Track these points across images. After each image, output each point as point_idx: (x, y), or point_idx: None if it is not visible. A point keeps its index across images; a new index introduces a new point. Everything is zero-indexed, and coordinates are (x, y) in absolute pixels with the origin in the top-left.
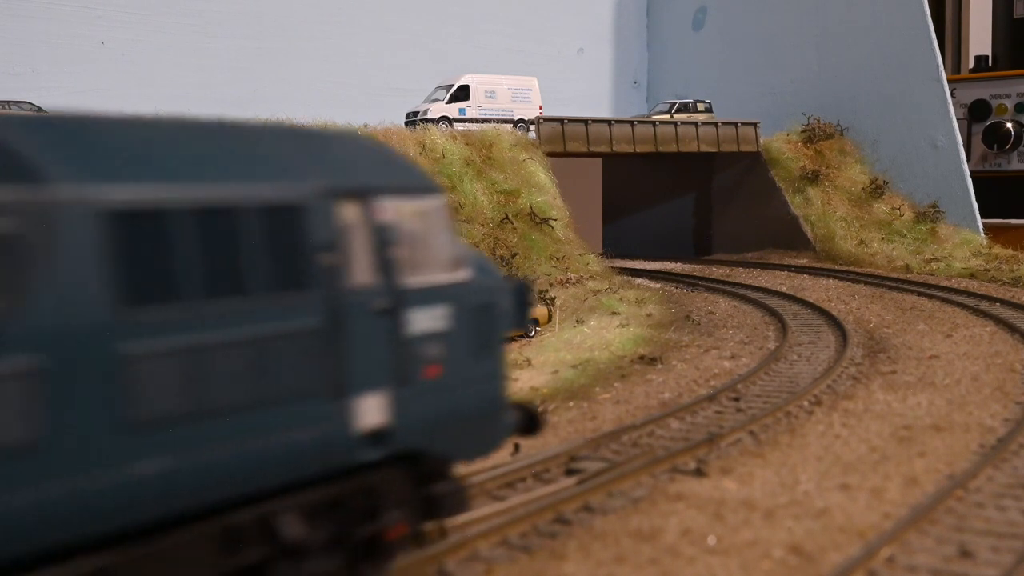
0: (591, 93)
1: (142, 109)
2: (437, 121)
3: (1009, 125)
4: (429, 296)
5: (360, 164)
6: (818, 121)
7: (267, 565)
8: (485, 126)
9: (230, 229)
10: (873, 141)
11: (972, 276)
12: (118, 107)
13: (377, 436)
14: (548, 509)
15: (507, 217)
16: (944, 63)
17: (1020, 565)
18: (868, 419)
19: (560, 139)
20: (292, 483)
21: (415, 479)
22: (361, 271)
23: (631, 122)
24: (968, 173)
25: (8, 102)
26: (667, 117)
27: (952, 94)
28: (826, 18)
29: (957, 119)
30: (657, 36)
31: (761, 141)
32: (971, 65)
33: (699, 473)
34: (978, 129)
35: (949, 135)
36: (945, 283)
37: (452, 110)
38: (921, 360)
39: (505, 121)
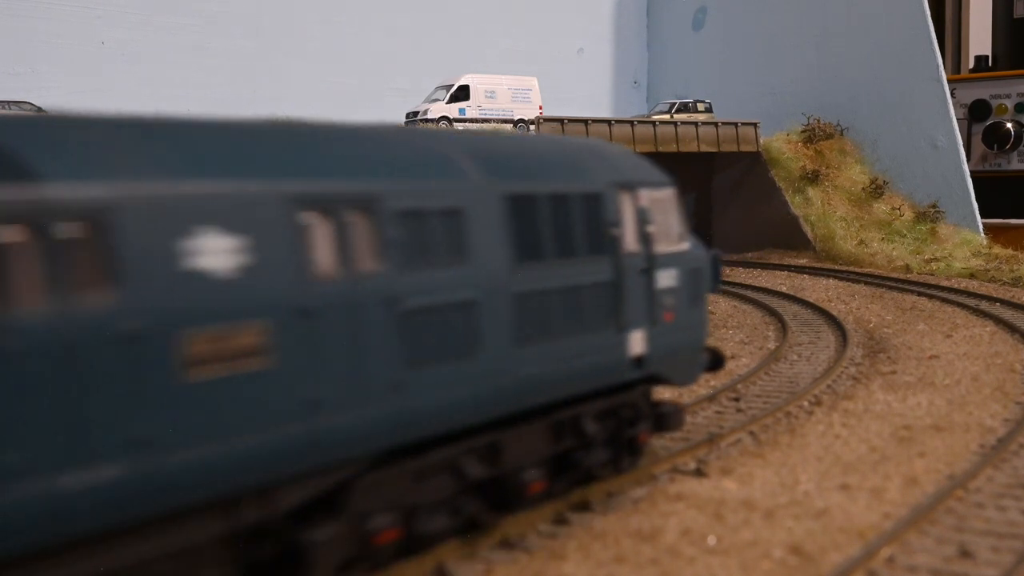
0: (591, 93)
1: (142, 109)
2: (437, 121)
3: (1009, 125)
4: (667, 261)
5: (625, 165)
6: (818, 121)
7: (570, 454)
8: (485, 126)
9: (566, 211)
10: (873, 141)
11: (972, 276)
12: (118, 107)
13: (638, 362)
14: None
15: None
16: (944, 63)
17: (1020, 565)
18: (868, 419)
19: None
20: (590, 393)
21: (650, 399)
22: (630, 241)
23: (631, 122)
24: (968, 173)
25: (8, 102)
26: (667, 117)
27: (952, 94)
28: (826, 18)
29: (957, 119)
30: (657, 36)
31: (761, 141)
32: (971, 65)
33: (699, 473)
34: (978, 129)
35: (949, 135)
36: (945, 283)
37: (452, 110)
38: (921, 360)
39: (505, 121)
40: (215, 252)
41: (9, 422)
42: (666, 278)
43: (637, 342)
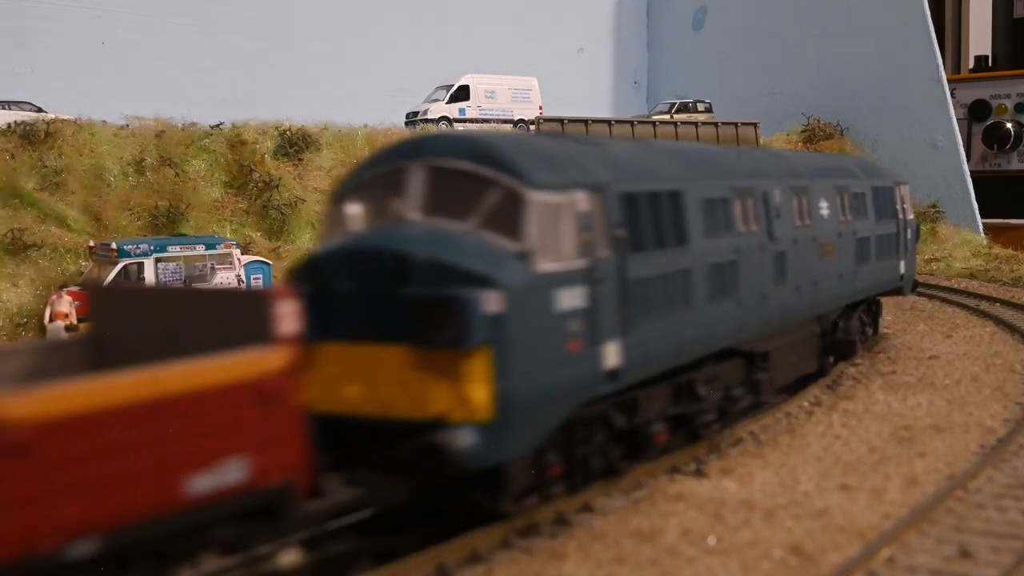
0: (591, 93)
1: (142, 109)
2: (437, 121)
3: (1009, 125)
4: (910, 224)
5: (892, 172)
6: (818, 121)
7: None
8: (485, 126)
9: (885, 195)
10: (873, 141)
11: (972, 276)
12: (117, 107)
13: (900, 277)
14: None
15: None
16: (944, 63)
17: (1020, 565)
18: (868, 419)
19: None
20: (874, 294)
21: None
22: (900, 212)
23: (631, 122)
24: (968, 173)
25: (8, 102)
26: (667, 117)
27: (952, 94)
28: (826, 18)
29: (957, 119)
30: (657, 36)
31: (761, 141)
32: (971, 65)
33: (699, 473)
34: (978, 129)
35: (949, 135)
36: (945, 283)
37: (452, 110)
38: (921, 360)
39: (505, 121)
40: (826, 208)
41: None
42: (909, 232)
43: (902, 266)
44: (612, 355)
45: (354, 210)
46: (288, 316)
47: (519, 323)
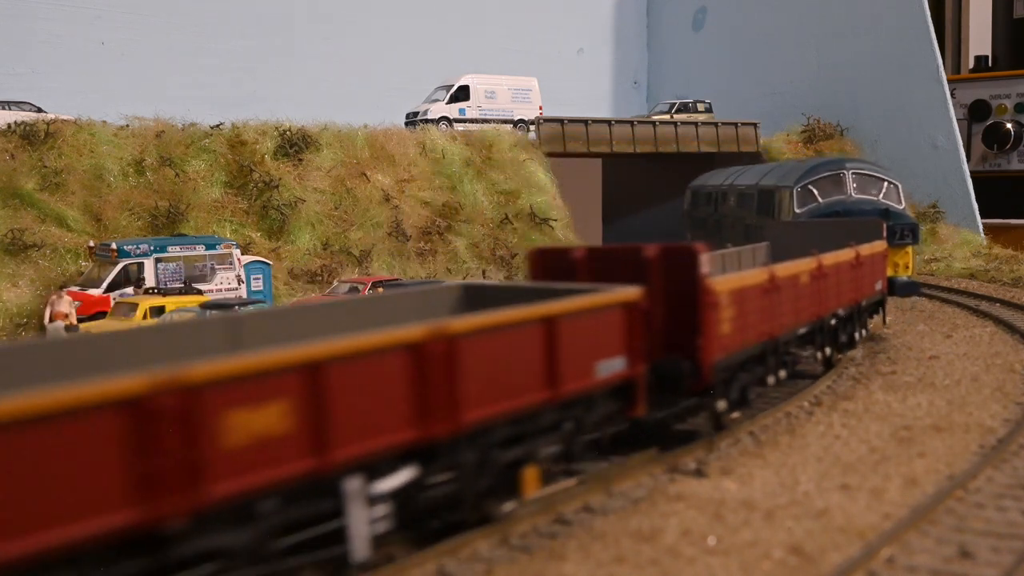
0: (591, 93)
1: (142, 109)
2: (437, 121)
3: (1009, 125)
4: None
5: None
6: (818, 121)
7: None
8: (485, 126)
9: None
10: (873, 141)
11: (972, 276)
12: (117, 107)
13: None
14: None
15: (507, 217)
16: (944, 63)
17: (1020, 565)
18: (868, 419)
19: (560, 139)
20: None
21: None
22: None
23: (631, 122)
24: (968, 173)
25: (8, 102)
26: (667, 117)
27: (952, 94)
28: (826, 18)
29: (957, 119)
30: (657, 36)
31: (761, 141)
32: (971, 65)
33: (699, 474)
34: (978, 129)
35: (949, 135)
36: (945, 283)
37: (452, 110)
38: (921, 360)
39: (505, 121)
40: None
41: None
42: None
43: None
44: None
45: (816, 191)
46: (884, 229)
47: (914, 238)
